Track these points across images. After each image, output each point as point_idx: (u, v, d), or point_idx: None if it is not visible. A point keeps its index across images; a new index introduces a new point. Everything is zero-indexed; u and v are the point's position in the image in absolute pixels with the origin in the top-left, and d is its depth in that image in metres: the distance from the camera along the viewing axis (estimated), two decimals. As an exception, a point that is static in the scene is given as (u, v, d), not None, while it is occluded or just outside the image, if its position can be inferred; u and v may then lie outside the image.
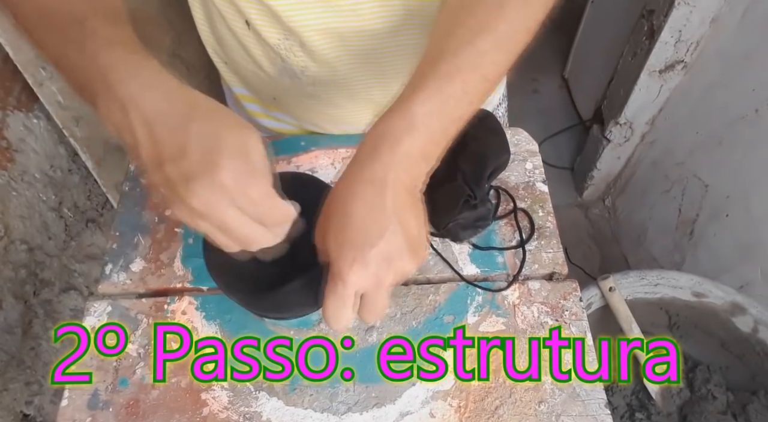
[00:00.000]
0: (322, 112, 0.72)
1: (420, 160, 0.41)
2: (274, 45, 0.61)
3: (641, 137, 1.57)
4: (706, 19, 1.24)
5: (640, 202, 1.62)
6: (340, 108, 0.71)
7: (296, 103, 0.71)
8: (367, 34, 0.60)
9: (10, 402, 0.80)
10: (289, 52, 0.62)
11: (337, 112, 0.72)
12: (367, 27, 0.59)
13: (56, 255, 0.91)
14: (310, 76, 0.65)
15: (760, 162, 1.17)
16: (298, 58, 0.63)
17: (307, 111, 0.73)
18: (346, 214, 0.39)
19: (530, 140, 0.70)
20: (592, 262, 1.70)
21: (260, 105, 0.77)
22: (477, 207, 0.59)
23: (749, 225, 1.22)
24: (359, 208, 0.39)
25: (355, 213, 0.39)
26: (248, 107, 0.78)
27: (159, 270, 0.62)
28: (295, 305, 0.47)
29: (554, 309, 0.58)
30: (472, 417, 0.53)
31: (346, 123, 0.73)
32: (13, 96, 0.80)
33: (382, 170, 0.39)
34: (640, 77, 1.40)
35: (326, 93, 0.68)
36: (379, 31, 0.60)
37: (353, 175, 0.40)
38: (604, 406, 0.53)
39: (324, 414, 0.54)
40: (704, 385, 1.15)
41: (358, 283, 0.39)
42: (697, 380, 1.17)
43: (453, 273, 0.61)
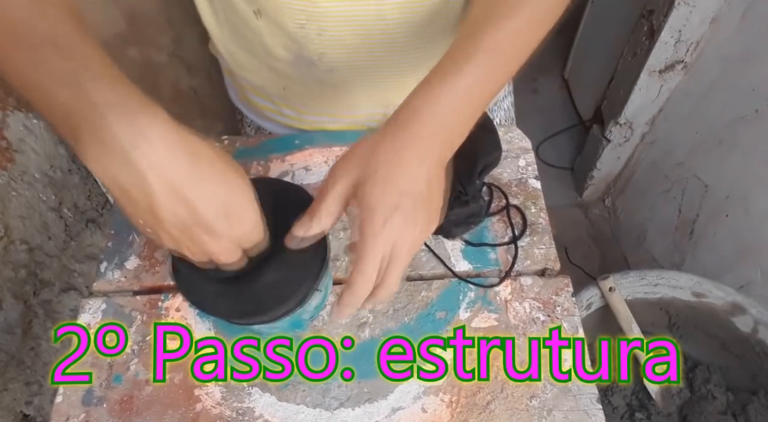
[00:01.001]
0: (332, 98, 0.72)
1: (458, 132, 0.44)
2: (291, 33, 0.62)
3: (641, 137, 1.57)
4: (706, 19, 1.24)
5: (640, 202, 1.62)
6: (353, 95, 0.71)
7: (307, 90, 0.71)
8: (391, 24, 0.61)
9: (10, 402, 0.81)
10: (306, 40, 0.62)
11: (349, 99, 0.72)
12: (390, 17, 0.61)
13: (56, 255, 0.92)
14: (327, 62, 0.65)
15: (760, 162, 1.16)
16: (315, 46, 0.63)
17: (317, 98, 0.73)
18: (388, 172, 0.41)
19: (523, 137, 0.71)
20: (592, 262, 1.70)
21: (266, 99, 0.77)
22: (468, 203, 0.59)
23: (749, 225, 1.22)
24: (400, 169, 0.41)
25: (394, 173, 0.41)
26: (255, 100, 0.78)
27: (153, 268, 0.62)
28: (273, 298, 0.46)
29: (546, 304, 0.59)
30: (463, 412, 0.53)
31: (356, 109, 0.74)
32: (13, 96, 0.81)
33: (426, 137, 0.42)
34: (640, 77, 1.40)
35: (341, 79, 0.69)
36: (401, 20, 0.61)
37: (393, 134, 0.42)
38: (595, 401, 0.53)
39: (316, 409, 0.54)
40: (704, 385, 1.15)
41: (390, 237, 0.41)
42: (697, 380, 1.16)
43: (445, 269, 0.61)
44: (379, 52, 0.65)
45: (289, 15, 0.60)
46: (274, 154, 0.71)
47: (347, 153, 0.44)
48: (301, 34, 0.62)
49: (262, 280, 0.45)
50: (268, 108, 0.78)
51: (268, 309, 0.46)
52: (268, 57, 0.67)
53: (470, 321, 0.58)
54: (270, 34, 0.63)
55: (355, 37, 0.62)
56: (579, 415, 0.52)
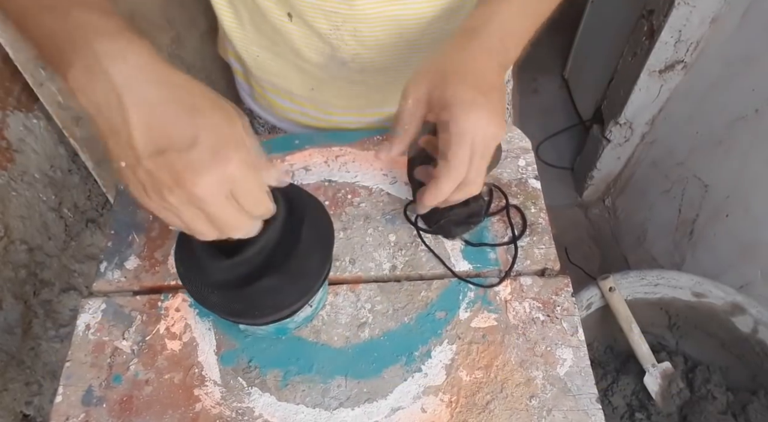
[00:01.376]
0: (360, 97, 0.73)
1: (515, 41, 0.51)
2: (324, 35, 0.62)
3: (641, 137, 1.57)
4: (706, 19, 1.24)
5: (640, 202, 1.62)
6: (382, 92, 0.72)
7: (336, 90, 0.72)
8: (423, 21, 0.63)
9: (10, 402, 0.81)
10: (339, 41, 0.62)
11: (377, 96, 0.73)
12: (424, 14, 0.62)
13: (56, 255, 0.92)
14: (360, 62, 0.66)
15: (760, 162, 1.16)
16: (349, 46, 0.63)
17: (345, 97, 0.73)
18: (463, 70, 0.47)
19: (523, 137, 0.71)
20: (592, 262, 1.70)
21: (290, 100, 0.77)
22: (468, 203, 0.59)
23: (749, 225, 1.22)
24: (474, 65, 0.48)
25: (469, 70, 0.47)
26: (277, 101, 0.78)
27: (153, 268, 0.62)
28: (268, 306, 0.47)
29: (546, 304, 0.58)
30: (463, 412, 0.53)
31: (383, 106, 0.74)
32: (13, 96, 0.81)
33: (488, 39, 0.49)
34: (640, 77, 1.40)
35: (371, 78, 0.69)
36: (432, 18, 0.63)
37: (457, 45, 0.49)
38: (595, 401, 0.53)
39: (316, 409, 0.54)
40: (704, 385, 1.15)
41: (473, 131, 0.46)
42: (697, 380, 1.16)
43: (445, 269, 0.61)
44: (409, 51, 0.66)
45: (325, 17, 0.60)
46: (274, 154, 0.71)
47: (414, 75, 0.49)
48: (335, 36, 0.62)
49: (261, 284, 0.45)
50: (291, 109, 0.78)
51: (258, 314, 0.46)
52: (298, 58, 0.67)
53: (470, 321, 0.58)
54: (302, 36, 0.63)
55: (390, 37, 0.63)
56: (579, 415, 0.52)
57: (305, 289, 0.47)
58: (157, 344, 0.57)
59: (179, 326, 0.58)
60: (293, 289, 0.46)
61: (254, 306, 0.45)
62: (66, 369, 0.56)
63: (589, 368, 0.55)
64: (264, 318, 0.47)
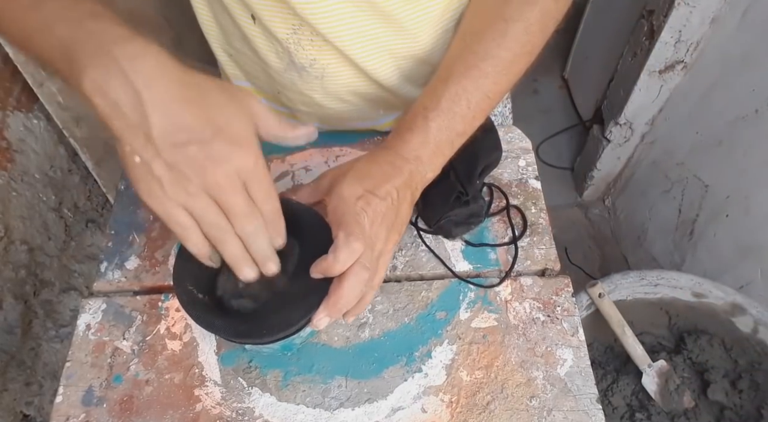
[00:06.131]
0: (326, 107, 0.72)
1: (427, 168, 0.51)
2: (282, 39, 0.62)
3: (641, 137, 1.57)
4: (706, 19, 1.24)
5: (640, 202, 1.62)
6: (346, 102, 0.71)
7: (301, 97, 0.72)
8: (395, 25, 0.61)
9: (10, 402, 0.81)
10: (297, 46, 0.62)
11: (342, 107, 0.72)
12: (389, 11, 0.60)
13: (56, 255, 0.92)
14: (318, 68, 0.65)
15: (760, 162, 1.16)
16: (306, 52, 0.63)
17: (312, 105, 0.73)
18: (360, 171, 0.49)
19: (523, 137, 0.71)
20: (592, 262, 1.70)
21: (268, 100, 0.77)
22: (469, 203, 0.59)
23: (749, 225, 1.22)
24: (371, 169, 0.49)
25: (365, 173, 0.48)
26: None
27: (154, 268, 0.62)
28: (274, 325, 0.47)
29: (546, 305, 0.59)
30: (463, 412, 0.53)
31: (348, 120, 0.73)
32: (13, 96, 0.81)
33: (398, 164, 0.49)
34: (640, 77, 1.40)
35: (333, 86, 0.68)
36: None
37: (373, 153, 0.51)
38: (595, 401, 0.53)
39: (316, 409, 0.54)
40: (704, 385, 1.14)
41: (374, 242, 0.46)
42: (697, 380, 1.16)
43: (445, 269, 0.61)
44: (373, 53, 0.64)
45: (282, 18, 0.60)
46: (274, 154, 0.71)
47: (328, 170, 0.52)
48: (293, 40, 0.61)
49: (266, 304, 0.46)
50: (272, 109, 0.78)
51: (263, 334, 0.46)
52: (263, 63, 0.67)
53: (470, 322, 0.58)
54: (263, 40, 0.63)
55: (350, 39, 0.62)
56: (579, 415, 0.52)
57: (306, 308, 0.46)
58: (158, 344, 0.57)
59: (180, 326, 0.58)
60: (295, 308, 0.46)
61: (261, 326, 0.46)
62: (66, 369, 0.56)
63: (590, 368, 0.55)
64: (271, 337, 0.47)
